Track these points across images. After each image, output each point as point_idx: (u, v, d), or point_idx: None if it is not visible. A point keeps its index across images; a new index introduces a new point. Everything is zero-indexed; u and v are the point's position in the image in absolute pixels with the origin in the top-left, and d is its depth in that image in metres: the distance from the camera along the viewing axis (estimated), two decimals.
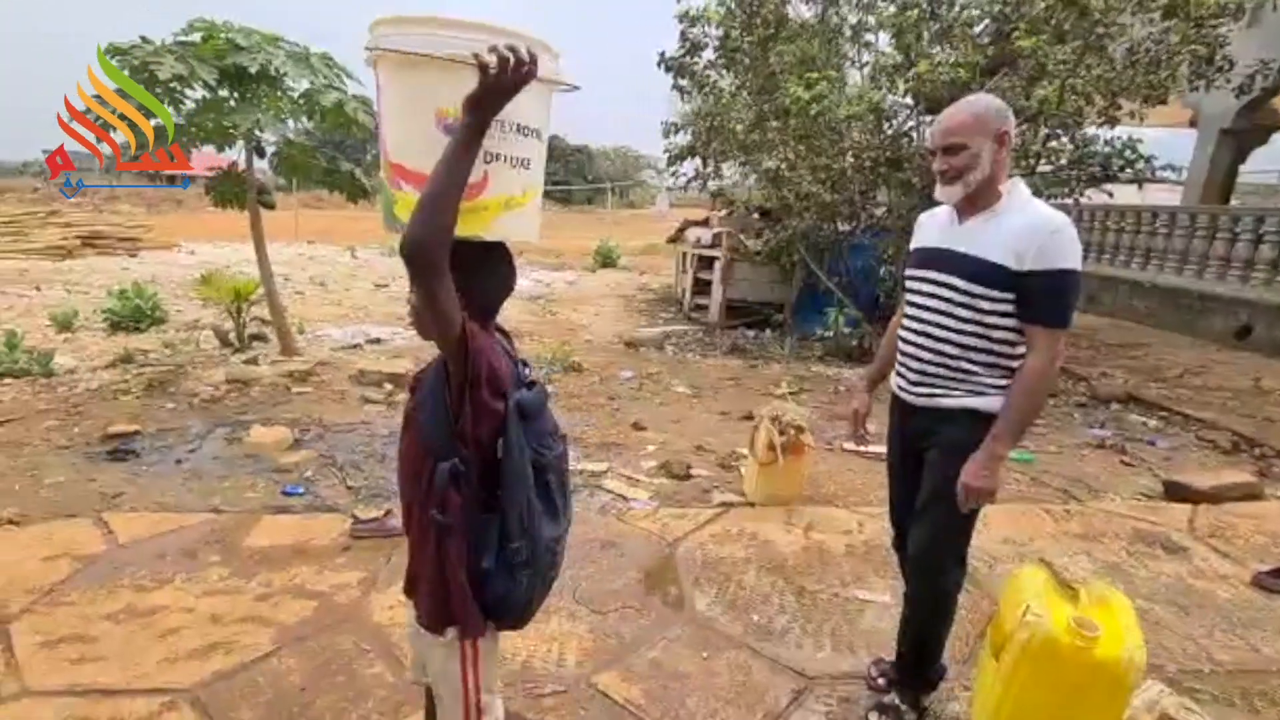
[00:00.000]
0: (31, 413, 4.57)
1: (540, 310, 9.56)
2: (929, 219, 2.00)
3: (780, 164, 6.27)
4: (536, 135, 1.29)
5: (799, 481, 3.47)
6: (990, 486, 1.74)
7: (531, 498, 1.28)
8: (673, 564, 2.90)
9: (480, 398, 1.23)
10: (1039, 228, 1.67)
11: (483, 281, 1.30)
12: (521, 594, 1.31)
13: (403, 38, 1.21)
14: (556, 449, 1.36)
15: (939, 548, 1.94)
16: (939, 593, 1.98)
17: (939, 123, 1.81)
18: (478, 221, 1.24)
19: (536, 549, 1.29)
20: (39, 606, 2.46)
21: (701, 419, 4.96)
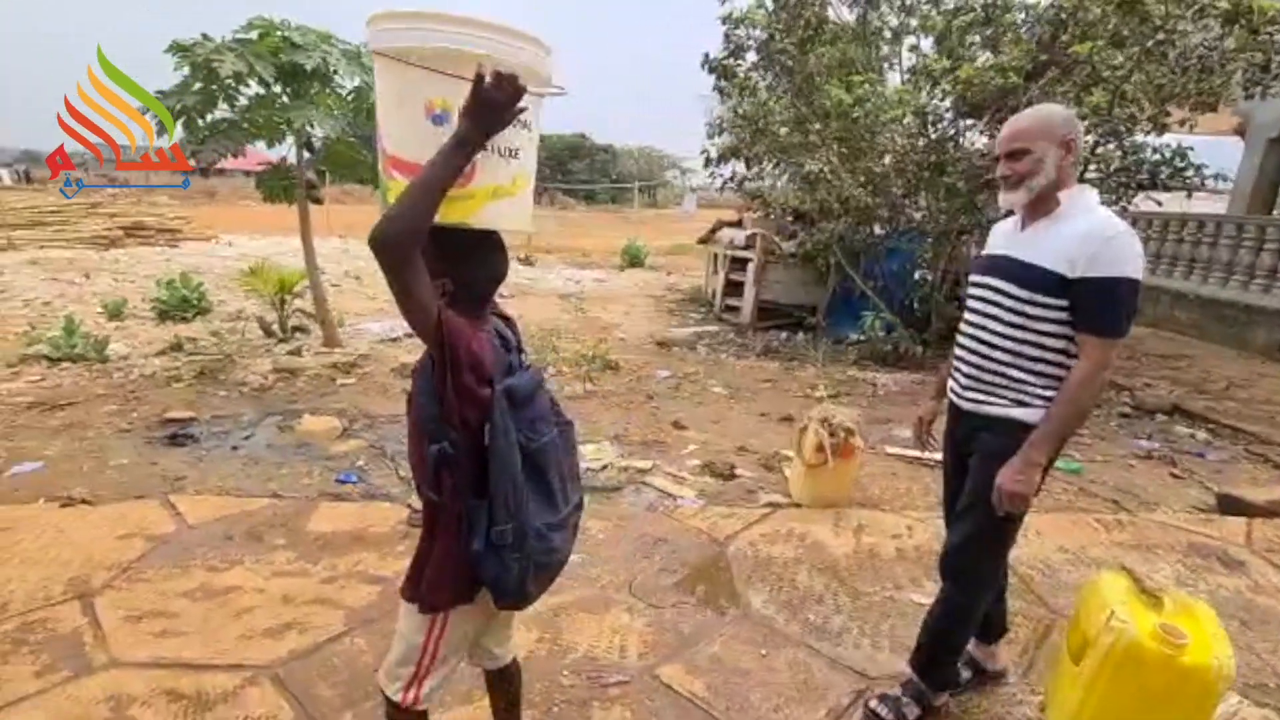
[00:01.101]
0: (91, 397, 4.72)
1: (572, 308, 9.62)
2: (1000, 227, 2.01)
3: (823, 166, 6.26)
4: (526, 126, 1.30)
5: (847, 484, 3.48)
6: (1024, 491, 1.73)
7: (518, 483, 1.29)
8: (724, 562, 2.93)
9: (463, 383, 1.26)
10: (1094, 234, 1.66)
11: (472, 269, 1.33)
12: (512, 578, 1.32)
13: (392, 32, 1.24)
14: (547, 435, 1.37)
15: (972, 554, 1.95)
16: (966, 600, 1.99)
17: (1005, 128, 1.83)
18: (465, 209, 1.26)
19: (525, 534, 1.30)
20: (119, 582, 2.55)
21: (741, 420, 4.97)
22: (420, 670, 1.42)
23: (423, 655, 1.41)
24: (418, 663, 1.41)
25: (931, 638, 2.07)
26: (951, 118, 6.61)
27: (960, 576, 1.99)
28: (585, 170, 47.91)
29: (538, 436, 1.35)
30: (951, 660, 2.10)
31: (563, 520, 1.40)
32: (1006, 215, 2.00)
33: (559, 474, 1.40)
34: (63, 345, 5.49)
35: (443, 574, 1.34)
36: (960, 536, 1.95)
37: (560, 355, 6.44)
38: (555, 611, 2.52)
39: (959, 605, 2.00)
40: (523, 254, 15.85)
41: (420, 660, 1.41)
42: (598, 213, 36.87)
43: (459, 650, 1.48)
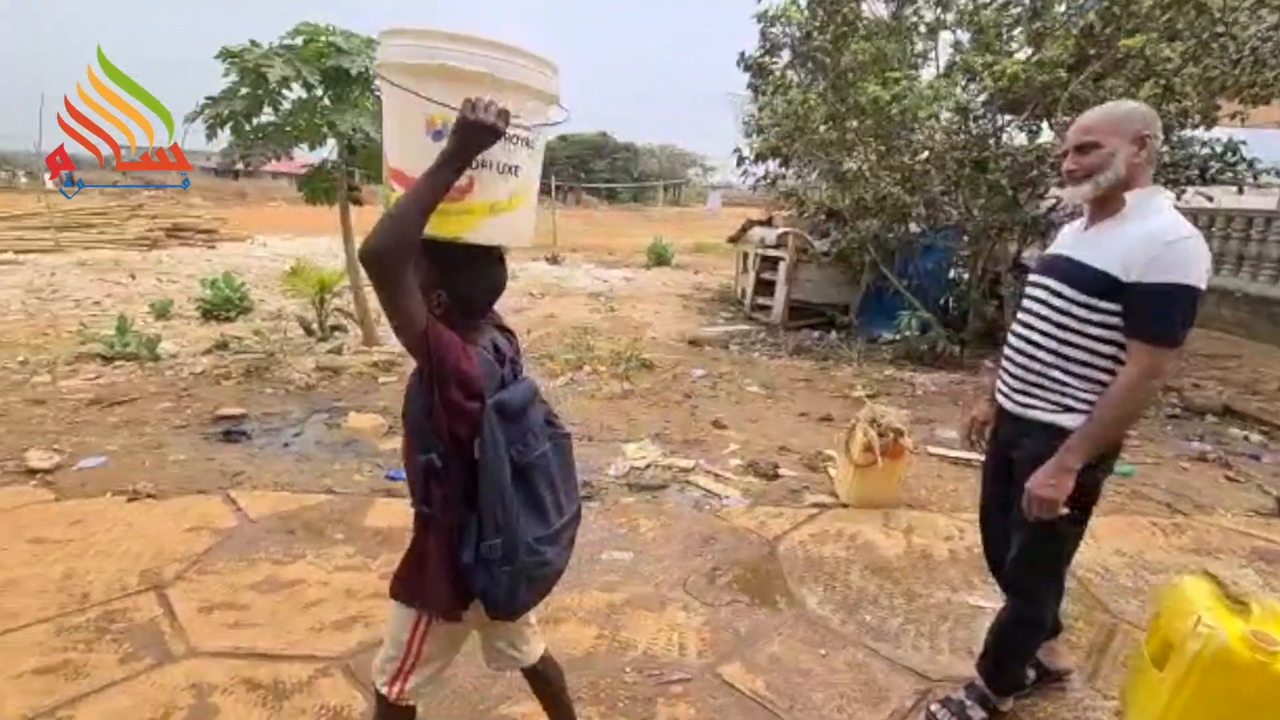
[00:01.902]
0: (146, 394, 4.86)
1: (602, 307, 9.66)
2: (1068, 226, 1.97)
3: (862, 164, 6.21)
4: (526, 144, 1.32)
5: (896, 485, 3.46)
6: (1053, 497, 1.69)
7: (507, 497, 1.29)
8: (775, 561, 2.93)
9: (450, 397, 1.25)
10: (1155, 237, 1.60)
11: (469, 282, 1.33)
12: (502, 591, 1.32)
13: (398, 48, 1.27)
14: (538, 449, 1.37)
15: (1030, 566, 1.92)
16: (1032, 611, 1.97)
17: (1076, 121, 1.79)
18: (461, 224, 1.27)
19: (515, 547, 1.30)
20: (190, 574, 2.64)
21: (780, 419, 4.96)
22: (404, 666, 1.44)
23: (407, 652, 1.43)
24: (401, 659, 1.44)
25: (998, 645, 2.06)
26: (991, 114, 6.51)
27: (1021, 588, 1.98)
28: (607, 169, 47.99)
29: (529, 450, 1.35)
30: (1018, 666, 2.09)
31: (555, 533, 1.40)
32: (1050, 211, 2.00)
33: (551, 487, 1.40)
34: (116, 344, 5.66)
35: (439, 582, 1.35)
36: (1016, 548, 1.93)
37: (595, 354, 6.48)
38: (612, 609, 2.55)
39: (1025, 615, 1.99)
40: (550, 253, 15.94)
41: (404, 657, 1.44)
42: (620, 211, 36.91)
43: (446, 651, 1.51)
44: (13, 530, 2.88)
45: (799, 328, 8.44)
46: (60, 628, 2.30)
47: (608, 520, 3.24)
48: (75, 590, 2.50)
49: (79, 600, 2.45)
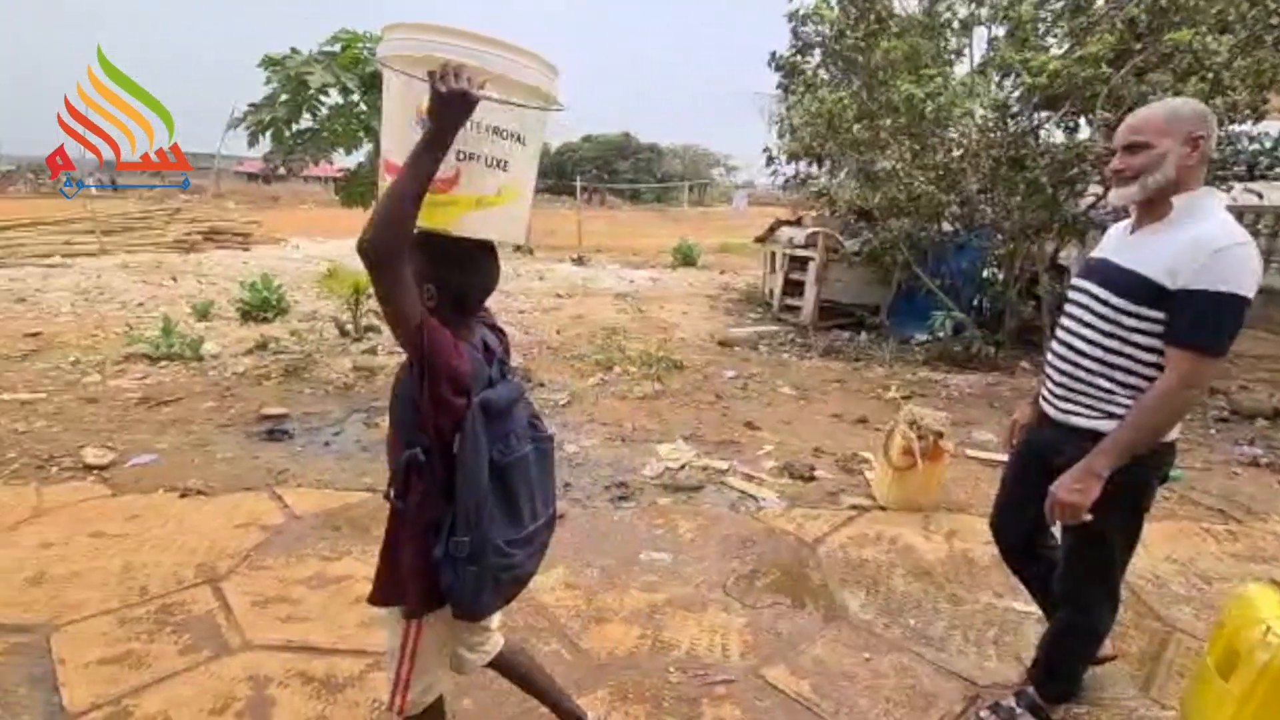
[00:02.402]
0: (191, 393, 5.00)
1: (629, 307, 9.68)
2: (1113, 229, 1.93)
3: (895, 163, 6.14)
4: (517, 139, 1.32)
5: (935, 488, 3.42)
6: (1077, 502, 1.66)
7: (482, 496, 1.29)
8: (815, 564, 2.92)
9: (439, 392, 1.25)
10: (1203, 244, 1.55)
11: (460, 277, 1.33)
12: (466, 589, 1.31)
13: (392, 42, 1.29)
14: (519, 451, 1.36)
15: (1080, 576, 1.90)
16: (1086, 622, 1.94)
17: (1126, 120, 1.74)
18: (446, 216, 1.28)
19: (483, 547, 1.29)
20: (242, 569, 2.71)
21: (813, 420, 4.93)
22: (401, 677, 1.44)
23: (402, 659, 1.43)
24: (397, 670, 1.44)
25: (1051, 654, 2.03)
26: (1027, 111, 6.40)
27: (1072, 597, 1.94)
28: (630, 169, 48.09)
29: (510, 452, 1.34)
30: (1071, 675, 2.06)
31: (527, 536, 1.40)
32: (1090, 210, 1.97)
33: (529, 491, 1.39)
34: (161, 345, 5.82)
35: (411, 577, 1.35)
36: (1068, 562, 1.92)
37: (625, 355, 6.50)
38: (653, 609, 2.56)
39: (1077, 625, 1.96)
40: (575, 254, 16.02)
41: (399, 668, 1.44)
42: (644, 212, 36.94)
43: (439, 656, 1.51)
44: (74, 524, 2.98)
45: (828, 328, 8.37)
46: (122, 619, 2.38)
47: (646, 521, 3.25)
48: (134, 583, 2.58)
49: (138, 593, 2.53)
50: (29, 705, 1.98)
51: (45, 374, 5.26)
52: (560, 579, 2.72)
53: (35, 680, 2.08)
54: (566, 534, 3.09)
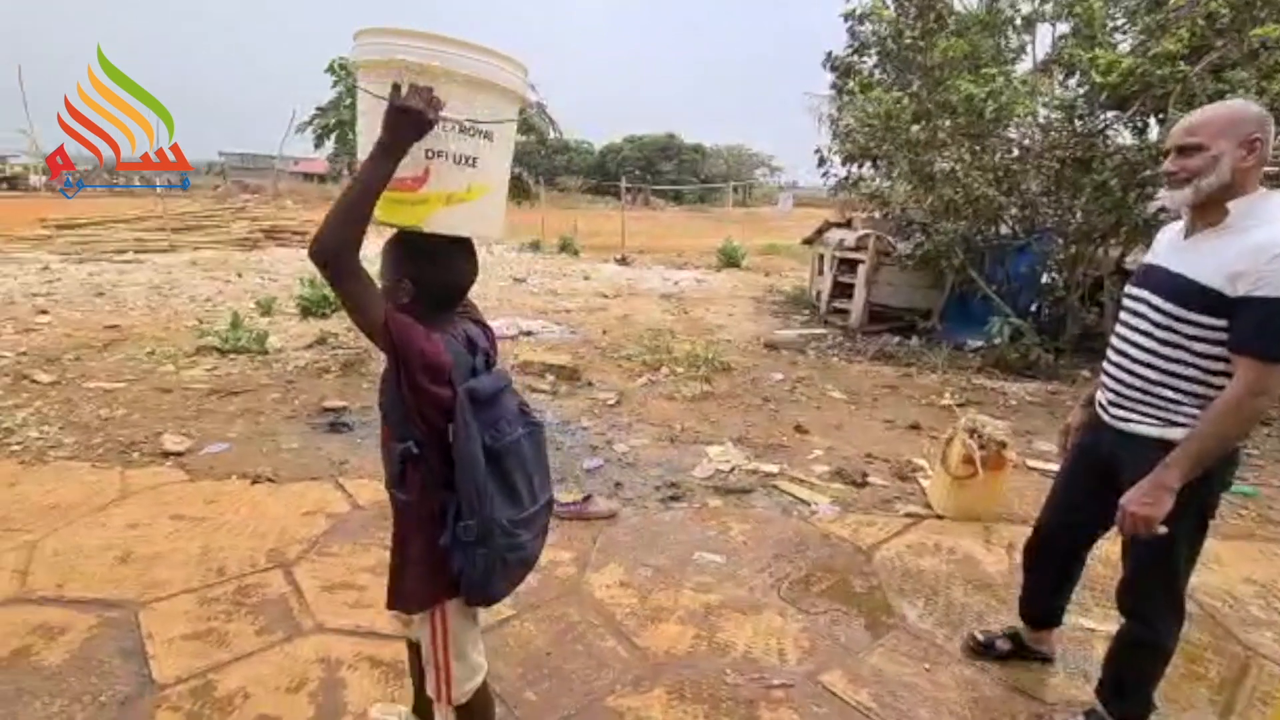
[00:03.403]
0: (258, 386, 5.21)
1: (674, 309, 9.69)
2: (1164, 234, 1.89)
3: (954, 164, 6.00)
4: (486, 136, 1.33)
5: (996, 498, 3.33)
6: (1150, 515, 1.63)
7: (481, 480, 1.31)
8: (871, 571, 2.88)
9: (418, 384, 1.28)
10: (1265, 248, 1.50)
11: (434, 273, 1.35)
12: (478, 571, 1.35)
13: (360, 47, 1.30)
14: (511, 435, 1.39)
15: (1145, 587, 1.86)
16: (1151, 636, 1.88)
17: (1181, 121, 1.70)
18: (417, 214, 1.30)
19: (489, 529, 1.33)
20: (311, 555, 2.82)
21: (865, 426, 4.85)
22: (441, 672, 1.48)
23: (436, 652, 1.46)
24: (436, 661, 1.48)
25: (1116, 671, 1.98)
26: (1094, 110, 6.17)
27: (1136, 611, 1.90)
28: (674, 170, 48.09)
29: (501, 436, 1.37)
30: (1141, 694, 1.99)
31: (529, 518, 1.43)
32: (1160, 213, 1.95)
33: (524, 472, 1.42)
34: (229, 339, 6.09)
35: (427, 570, 1.39)
36: (1131, 571, 1.88)
37: (672, 355, 6.51)
38: (707, 610, 2.57)
39: (1142, 639, 1.91)
40: (619, 254, 16.11)
41: (437, 658, 1.47)
42: (687, 212, 36.89)
43: (473, 640, 1.53)
44: (156, 507, 3.15)
45: (878, 332, 8.22)
46: (203, 599, 2.50)
47: (697, 522, 3.26)
48: (212, 564, 2.72)
49: (216, 574, 2.66)
50: (122, 676, 2.10)
51: (124, 364, 5.55)
52: (615, 577, 2.75)
53: (126, 653, 2.20)
54: (619, 532, 3.13)
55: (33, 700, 1.98)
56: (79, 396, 4.67)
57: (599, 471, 3.85)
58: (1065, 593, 2.26)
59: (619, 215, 19.31)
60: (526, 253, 16.48)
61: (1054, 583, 2.24)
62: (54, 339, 6.25)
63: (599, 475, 3.80)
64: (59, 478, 3.41)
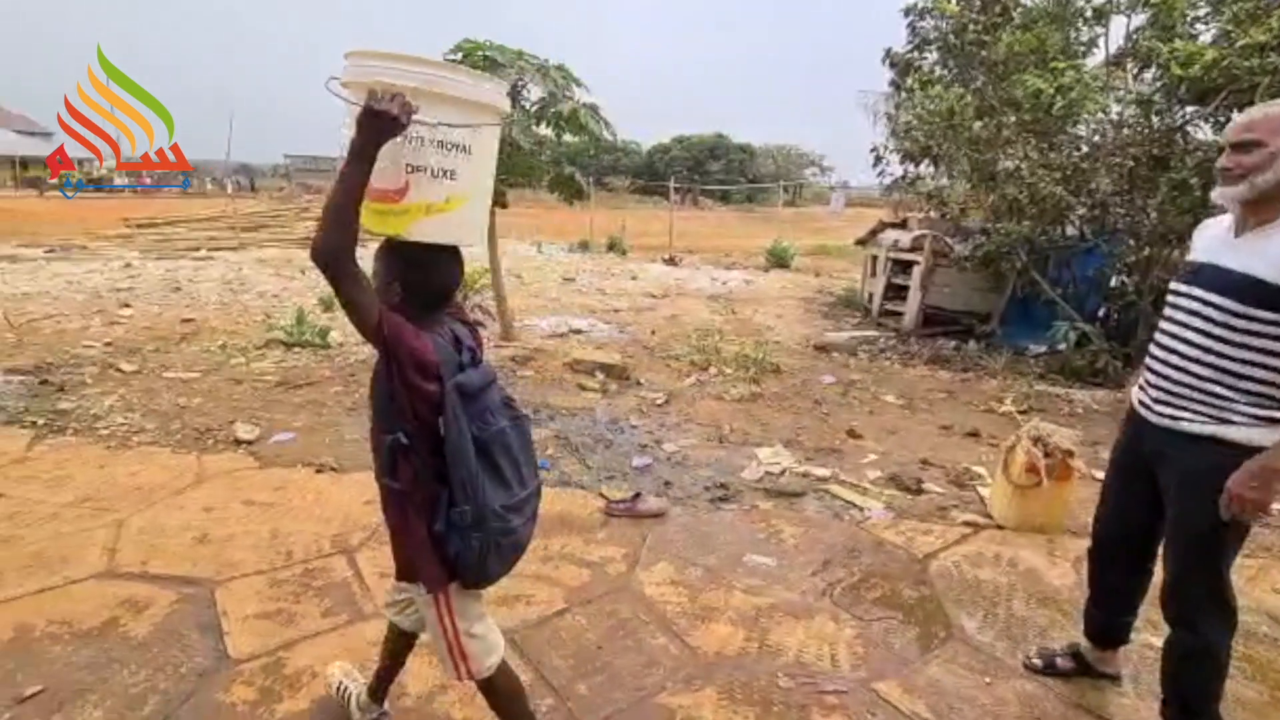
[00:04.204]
0: (321, 378, 5.42)
1: (722, 309, 9.64)
2: (1205, 229, 1.88)
3: (1019, 162, 5.78)
4: (464, 150, 1.41)
5: (1061, 509, 3.21)
6: (1260, 499, 1.61)
7: (472, 468, 1.39)
8: (927, 580, 2.81)
9: (408, 379, 1.35)
10: None
11: (420, 277, 1.44)
12: (474, 555, 1.43)
13: (348, 68, 1.40)
14: (496, 425, 1.46)
15: (1189, 589, 1.83)
16: (1200, 642, 1.83)
17: (1239, 117, 1.70)
18: (398, 223, 1.40)
19: (483, 514, 1.40)
20: (371, 543, 2.92)
21: (920, 431, 4.74)
22: (454, 649, 1.55)
23: (447, 634, 1.54)
24: (448, 643, 1.55)
25: (1176, 687, 1.92)
26: (1171, 105, 5.86)
27: (1185, 618, 1.86)
28: (722, 170, 47.78)
29: (488, 426, 1.45)
30: (1207, 707, 1.90)
31: (519, 503, 1.51)
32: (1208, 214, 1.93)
33: (511, 460, 1.50)
34: (295, 333, 6.36)
35: (427, 554, 1.46)
36: (1173, 575, 1.85)
37: (721, 356, 6.49)
38: (758, 612, 2.55)
39: (1194, 648, 1.85)
40: (667, 255, 16.12)
41: (446, 637, 1.55)
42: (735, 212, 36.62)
43: (482, 618, 1.60)
44: (230, 491, 3.32)
45: (933, 336, 8.00)
46: (272, 580, 2.63)
47: (747, 524, 3.24)
48: (281, 548, 2.85)
49: (285, 557, 2.78)
50: (200, 650, 2.23)
51: (199, 356, 5.86)
52: (665, 575, 2.77)
53: (204, 628, 2.33)
54: (669, 531, 3.14)
55: (121, 669, 2.12)
56: (159, 385, 4.96)
57: (648, 470, 3.87)
58: (1131, 607, 2.18)
59: (666, 215, 19.33)
60: (575, 253, 16.65)
61: (1116, 595, 2.17)
62: (136, 331, 6.65)
63: (648, 474, 3.82)
64: (142, 461, 3.63)
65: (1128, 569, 2.12)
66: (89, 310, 7.49)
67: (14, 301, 7.72)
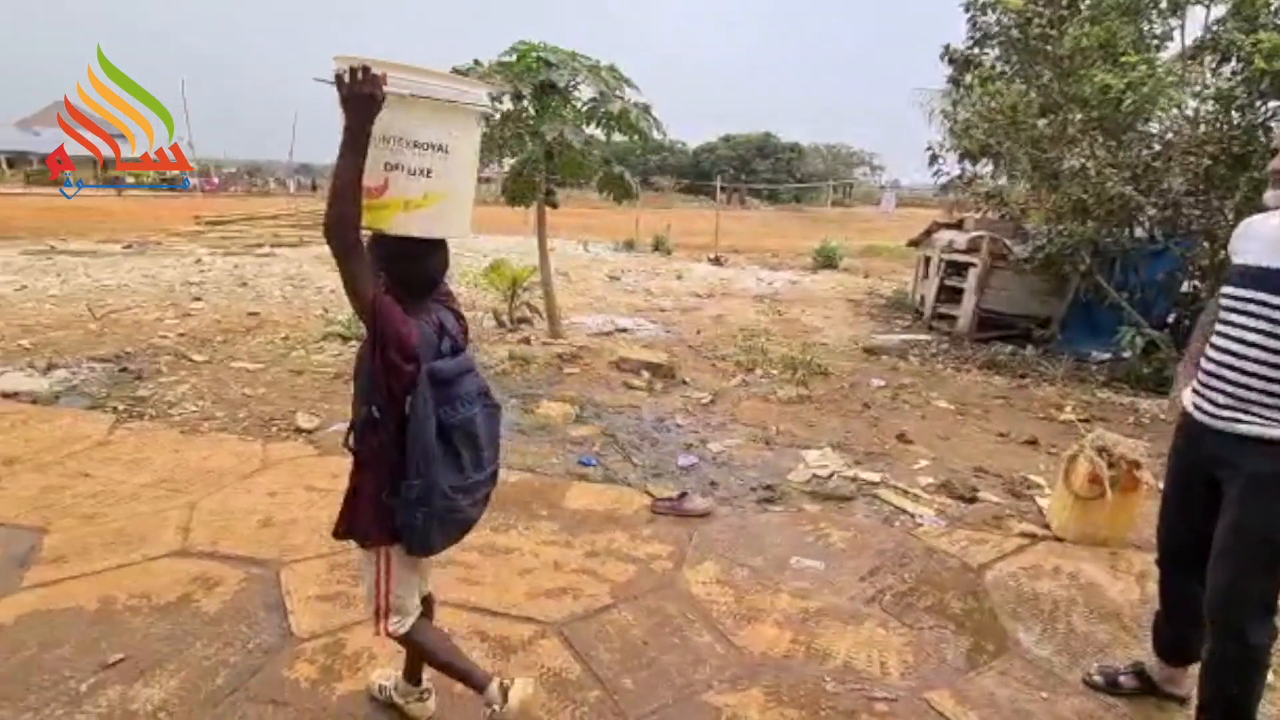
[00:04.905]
0: None
1: (768, 310, 9.55)
2: (1250, 230, 1.83)
3: (1086, 161, 5.55)
4: (440, 150, 1.51)
5: (1127, 522, 3.08)
6: None
7: (429, 448, 1.49)
8: (982, 591, 2.74)
9: (390, 358, 1.47)
10: None
11: (404, 267, 1.55)
12: (418, 526, 1.54)
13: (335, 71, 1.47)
14: (464, 412, 1.56)
15: (1241, 595, 1.77)
16: (1246, 648, 1.77)
17: None
18: (380, 217, 1.51)
19: (430, 491, 1.51)
20: None
21: (974, 438, 4.60)
22: (380, 605, 1.68)
23: (378, 592, 1.67)
24: (376, 599, 1.68)
25: (1219, 697, 1.85)
26: (1252, 100, 5.53)
27: (1232, 625, 1.80)
28: (769, 169, 47.29)
29: (455, 413, 1.55)
30: (1249, 716, 1.83)
31: (469, 485, 1.60)
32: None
33: (472, 446, 1.60)
34: (352, 327, 6.57)
35: (372, 516, 1.60)
36: (1224, 579, 1.80)
37: (767, 357, 6.43)
38: (805, 615, 2.53)
39: (1239, 656, 1.80)
40: (712, 254, 16.05)
41: (377, 597, 1.68)
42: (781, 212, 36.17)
43: (411, 587, 1.73)
44: (292, 477, 3.47)
45: (988, 340, 7.76)
46: (332, 564, 2.73)
47: (794, 526, 3.21)
48: None
49: (343, 542, 2.88)
50: (266, 626, 2.34)
51: (263, 348, 6.13)
52: (711, 574, 2.77)
53: (270, 607, 2.44)
54: (715, 531, 3.14)
55: (195, 641, 2.24)
56: (226, 375, 5.21)
57: (694, 469, 3.87)
58: (1199, 620, 2.05)
59: (712, 215, 19.25)
60: (621, 252, 16.75)
61: (1189, 605, 2.05)
62: (205, 324, 6.99)
63: (694, 473, 3.82)
64: (212, 447, 3.82)
65: (1192, 579, 2.02)
66: (163, 303, 7.91)
67: (96, 294, 8.22)
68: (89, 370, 5.17)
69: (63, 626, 2.27)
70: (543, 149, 6.33)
